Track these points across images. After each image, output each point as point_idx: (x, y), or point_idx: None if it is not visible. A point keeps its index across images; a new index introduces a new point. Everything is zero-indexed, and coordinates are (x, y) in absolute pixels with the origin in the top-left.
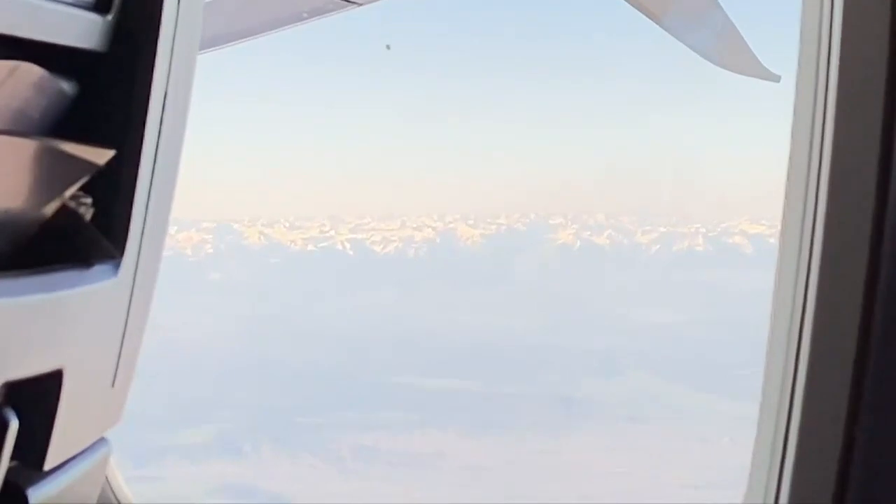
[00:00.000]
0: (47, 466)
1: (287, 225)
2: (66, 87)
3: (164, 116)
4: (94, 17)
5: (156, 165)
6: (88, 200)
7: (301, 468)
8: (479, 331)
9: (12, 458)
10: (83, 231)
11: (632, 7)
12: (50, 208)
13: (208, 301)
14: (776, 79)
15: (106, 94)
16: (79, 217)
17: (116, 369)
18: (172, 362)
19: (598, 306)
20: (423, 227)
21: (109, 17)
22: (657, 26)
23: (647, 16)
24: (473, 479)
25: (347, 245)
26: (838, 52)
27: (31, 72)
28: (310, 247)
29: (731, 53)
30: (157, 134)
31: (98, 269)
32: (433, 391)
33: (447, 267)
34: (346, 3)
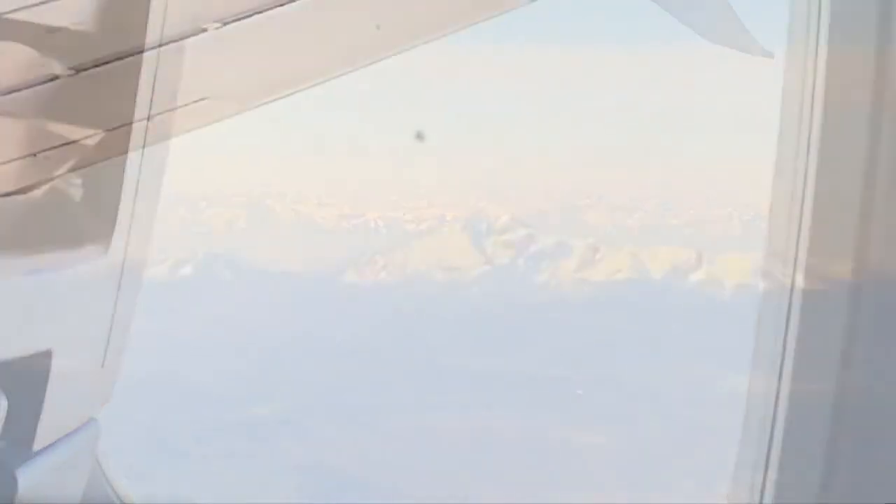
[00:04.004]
0: (36, 446)
1: (316, 201)
2: (60, 71)
3: (154, 100)
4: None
5: (145, 147)
6: (78, 182)
7: (367, 448)
8: (519, 311)
9: (1, 437)
10: (73, 213)
11: None
12: (41, 191)
13: (248, 277)
14: (770, 55)
15: (97, 79)
16: (69, 199)
17: (106, 350)
18: (222, 338)
19: (640, 288)
20: (451, 206)
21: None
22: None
23: None
24: (541, 461)
25: (381, 223)
26: (827, 29)
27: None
28: (343, 223)
29: (726, 30)
30: (147, 116)
31: (87, 250)
32: (483, 371)
33: (484, 245)
34: None
